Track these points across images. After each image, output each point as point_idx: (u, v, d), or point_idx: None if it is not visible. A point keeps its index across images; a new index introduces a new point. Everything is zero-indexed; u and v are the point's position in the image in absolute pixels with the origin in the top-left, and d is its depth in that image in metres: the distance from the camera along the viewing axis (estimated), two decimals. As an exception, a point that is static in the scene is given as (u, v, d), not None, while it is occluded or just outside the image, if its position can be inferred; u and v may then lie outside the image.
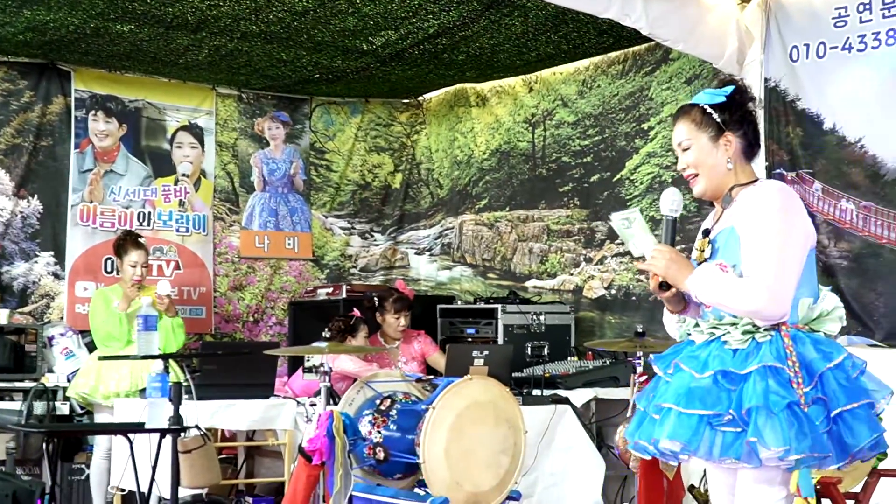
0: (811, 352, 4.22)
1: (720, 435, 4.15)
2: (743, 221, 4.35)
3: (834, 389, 4.16)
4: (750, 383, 4.14)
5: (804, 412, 4.09)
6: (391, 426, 6.96)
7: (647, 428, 4.39)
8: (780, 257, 4.25)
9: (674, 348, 4.55)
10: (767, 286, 4.20)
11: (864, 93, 8.09)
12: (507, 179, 11.63)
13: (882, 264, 7.96)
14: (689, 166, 4.54)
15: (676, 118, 4.62)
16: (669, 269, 4.38)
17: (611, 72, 10.50)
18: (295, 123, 12.06)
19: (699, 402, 4.17)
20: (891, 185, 7.95)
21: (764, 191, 4.38)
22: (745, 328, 4.28)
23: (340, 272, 12.26)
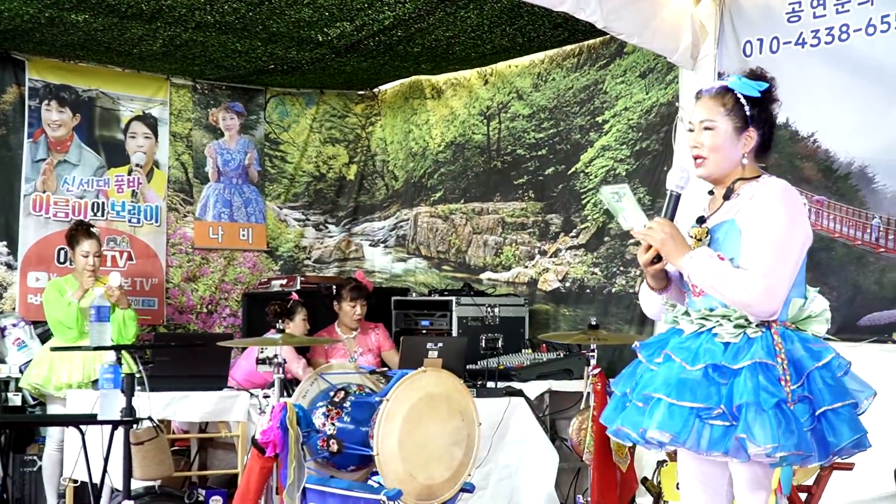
0: (799, 350, 4.25)
1: (709, 428, 4.15)
2: (746, 217, 4.35)
3: (820, 388, 4.19)
4: (741, 379, 4.15)
5: (791, 410, 4.12)
6: (345, 418, 6.96)
7: (632, 416, 4.37)
8: (781, 255, 4.27)
9: (659, 337, 4.55)
10: (765, 281, 4.21)
11: (818, 88, 8.14)
12: (462, 172, 11.65)
13: (834, 259, 8.02)
14: (704, 147, 4.49)
15: (703, 95, 4.58)
16: (667, 244, 4.37)
17: (566, 65, 10.53)
18: (249, 114, 12.03)
19: (689, 394, 4.17)
20: (843, 180, 8.01)
21: (771, 189, 4.38)
22: (738, 322, 4.29)
23: (294, 264, 12.25)
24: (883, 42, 7.75)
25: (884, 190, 7.80)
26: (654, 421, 4.21)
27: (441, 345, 7.78)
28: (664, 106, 9.56)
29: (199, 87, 11.69)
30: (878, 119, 7.82)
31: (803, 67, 8.19)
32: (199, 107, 11.70)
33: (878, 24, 7.76)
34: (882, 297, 7.83)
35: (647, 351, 4.49)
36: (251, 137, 12.04)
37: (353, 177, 12.73)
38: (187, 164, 11.60)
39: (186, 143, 11.62)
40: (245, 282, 11.73)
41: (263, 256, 12.05)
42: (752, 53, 8.51)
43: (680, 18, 8.63)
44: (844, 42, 7.97)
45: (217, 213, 11.74)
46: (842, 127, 8.05)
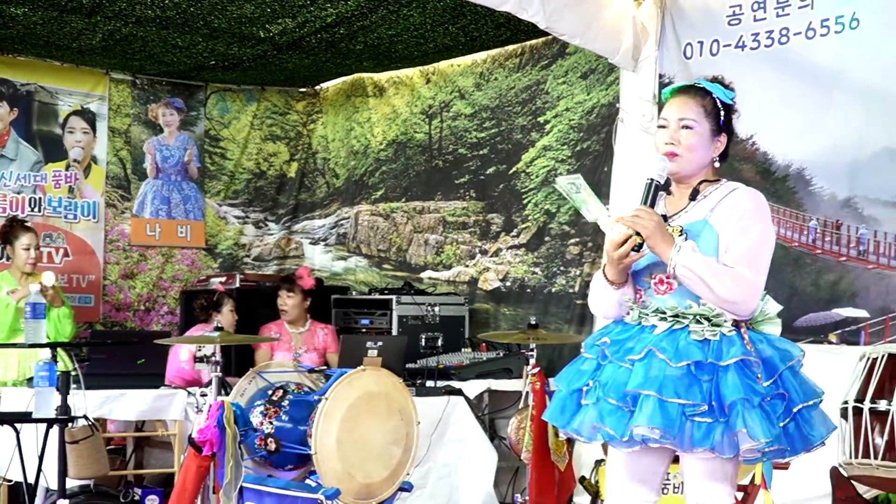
0: (768, 349, 4.31)
1: (693, 424, 4.17)
2: (723, 219, 4.38)
3: (793, 386, 4.28)
4: (729, 376, 4.18)
5: (767, 405, 4.19)
6: (283, 417, 6.94)
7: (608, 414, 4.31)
8: (762, 258, 4.35)
9: (622, 332, 4.50)
10: (752, 280, 4.29)
11: (757, 90, 8.18)
12: (404, 170, 11.65)
13: (772, 260, 8.06)
14: (680, 145, 4.47)
15: (683, 93, 4.58)
16: (656, 233, 4.32)
17: (508, 65, 10.55)
18: (189, 110, 11.98)
19: (675, 390, 4.17)
20: (780, 182, 8.08)
21: (750, 196, 4.44)
22: (716, 321, 4.31)
23: (234, 261, 12.21)
24: (822, 45, 7.82)
25: (821, 192, 7.87)
26: (643, 416, 4.17)
27: (381, 343, 7.76)
28: (605, 107, 9.60)
29: (138, 82, 11.63)
30: (817, 122, 7.88)
31: (743, 70, 8.23)
32: (139, 102, 11.64)
33: (818, 27, 7.82)
34: (818, 298, 7.90)
35: (614, 347, 4.44)
36: (191, 134, 11.99)
37: (294, 174, 12.71)
38: (126, 160, 11.54)
39: (125, 139, 11.56)
40: (183, 279, 11.68)
41: (202, 254, 12.01)
42: (693, 56, 8.57)
43: (622, 20, 8.67)
44: (784, 45, 8.03)
45: (155, 210, 11.69)
46: (780, 130, 8.12)
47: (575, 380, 4.50)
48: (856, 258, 7.65)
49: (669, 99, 4.60)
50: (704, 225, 4.40)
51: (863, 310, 7.65)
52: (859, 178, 7.65)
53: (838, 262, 7.76)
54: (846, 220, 7.69)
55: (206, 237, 12.04)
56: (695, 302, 4.35)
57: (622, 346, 4.41)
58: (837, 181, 7.78)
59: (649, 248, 4.34)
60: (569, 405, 4.49)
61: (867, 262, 7.60)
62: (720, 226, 4.37)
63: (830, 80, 7.79)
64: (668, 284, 4.43)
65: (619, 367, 4.35)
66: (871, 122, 7.57)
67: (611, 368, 4.39)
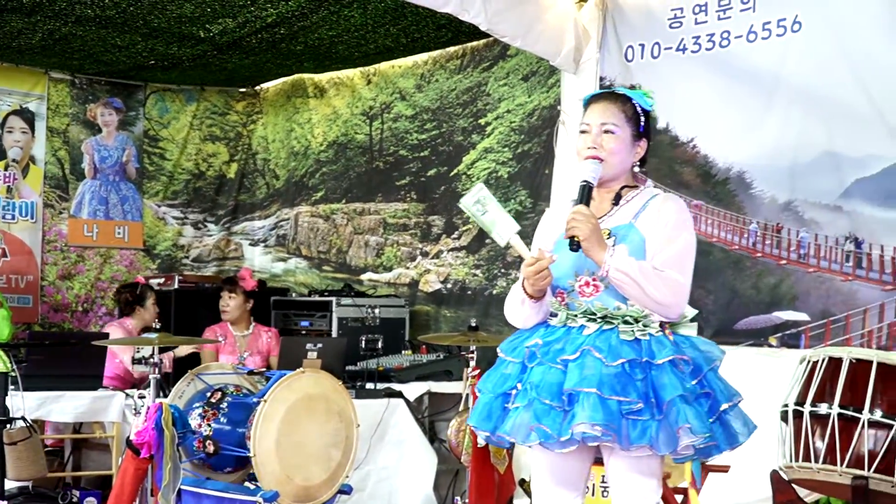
0: (692, 351, 4.38)
1: (630, 423, 4.19)
2: (649, 224, 4.46)
3: (717, 386, 4.35)
4: (664, 374, 4.23)
5: (696, 403, 4.26)
6: (221, 419, 6.91)
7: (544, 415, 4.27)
8: (689, 263, 4.48)
9: (550, 334, 4.48)
10: (683, 283, 4.40)
11: (698, 93, 8.22)
12: (344, 172, 11.61)
13: (712, 262, 8.09)
14: (603, 150, 4.53)
15: (604, 98, 4.67)
16: (593, 235, 4.36)
17: (449, 66, 10.54)
18: (128, 110, 11.90)
19: (612, 388, 4.18)
20: (721, 185, 8.10)
21: (674, 202, 4.55)
22: (645, 322, 4.36)
23: (172, 262, 12.14)
24: (763, 49, 7.84)
25: (761, 195, 7.89)
26: (584, 414, 4.16)
27: (320, 345, 7.74)
28: (546, 109, 9.60)
29: (77, 81, 11.53)
30: (757, 125, 7.91)
31: (684, 73, 8.26)
32: (78, 102, 11.55)
33: (759, 30, 7.85)
34: (758, 301, 7.93)
35: (544, 349, 4.42)
36: (130, 134, 11.91)
37: (234, 175, 12.64)
38: (64, 160, 11.45)
39: (64, 139, 11.46)
40: (121, 280, 11.59)
41: (140, 255, 11.93)
42: (634, 58, 8.58)
43: (563, 22, 8.66)
44: (725, 48, 8.05)
45: (93, 211, 11.60)
46: (721, 132, 8.14)
47: (500, 384, 4.49)
48: (796, 261, 7.69)
49: (590, 104, 4.68)
50: (630, 229, 4.47)
51: (803, 313, 7.68)
52: (800, 182, 7.68)
53: (779, 265, 7.79)
54: (787, 223, 7.72)
55: (144, 238, 11.96)
56: (622, 303, 4.40)
57: (550, 347, 4.41)
58: (778, 184, 7.81)
59: (583, 250, 4.37)
60: (495, 410, 4.48)
61: (808, 266, 7.63)
62: (646, 230, 4.45)
63: (771, 83, 7.81)
64: (594, 287, 4.46)
65: (551, 368, 4.35)
66: (811, 125, 7.59)
67: (541, 370, 4.37)
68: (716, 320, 8.06)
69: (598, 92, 4.75)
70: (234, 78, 11.86)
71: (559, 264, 4.49)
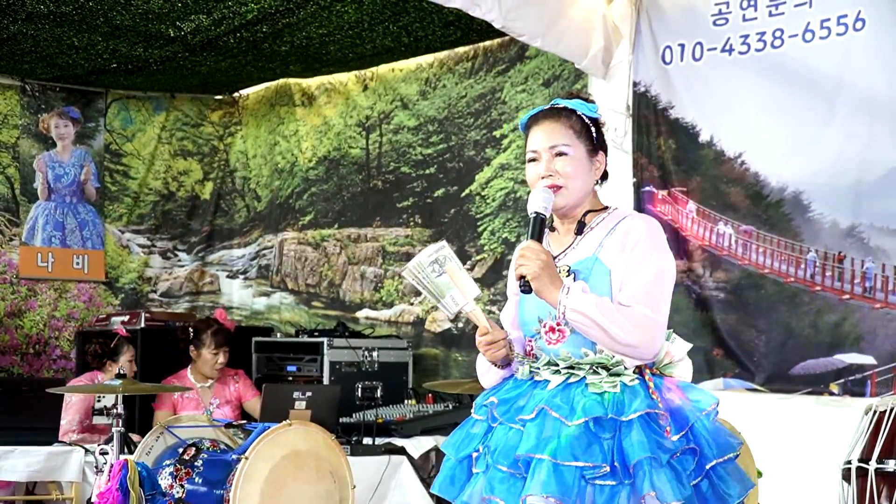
0: (678, 398, 4.36)
1: (594, 489, 4.17)
2: (612, 253, 4.41)
3: (706, 440, 4.29)
4: (633, 432, 4.19)
5: (675, 462, 4.21)
6: (196, 479, 6.94)
7: (500, 483, 4.29)
8: (660, 294, 4.39)
9: (512, 389, 4.50)
10: (653, 319, 4.32)
11: (746, 101, 8.25)
12: (337, 192, 11.66)
13: (763, 297, 8.13)
14: (559, 175, 4.51)
15: (543, 119, 4.61)
16: (543, 274, 4.33)
17: (458, 70, 10.60)
18: (87, 121, 11.96)
19: (572, 452, 4.16)
20: (774, 207, 8.13)
21: (640, 224, 4.47)
22: (615, 370, 4.33)
23: (138, 297, 12.18)
24: (821, 50, 7.88)
25: (820, 220, 7.92)
26: (536, 484, 4.15)
27: (310, 394, 7.78)
28: (571, 119, 9.63)
29: (28, 88, 11.60)
30: (815, 138, 7.94)
31: (730, 78, 8.30)
32: (29, 111, 11.61)
33: (817, 29, 7.89)
34: (818, 342, 7.95)
35: (503, 407, 4.44)
36: (88, 148, 11.97)
37: (209, 196, 12.70)
38: (13, 179, 11.50)
39: (13, 155, 11.52)
40: (79, 318, 11.64)
41: (101, 288, 11.98)
42: (673, 60, 8.62)
43: (590, 19, 8.70)
44: (778, 49, 8.09)
45: (47, 237, 11.64)
46: (773, 147, 8.17)
47: (464, 446, 4.51)
48: (861, 296, 7.71)
49: (530, 128, 4.64)
50: (594, 262, 4.44)
51: (869, 356, 7.69)
52: (865, 204, 7.70)
53: (841, 300, 7.81)
54: (850, 251, 7.74)
55: (105, 269, 12.01)
56: (591, 350, 4.38)
57: (512, 404, 4.42)
58: (840, 207, 7.83)
59: (535, 291, 4.35)
60: (459, 475, 4.51)
61: (874, 301, 7.65)
62: (611, 261, 4.41)
63: (831, 89, 7.85)
64: (559, 332, 4.45)
65: (510, 428, 4.36)
66: (878, 137, 7.62)
67: (501, 431, 4.40)
68: (768, 364, 8.08)
69: (534, 112, 4.68)
70: (209, 83, 11.93)
71: (526, 309, 4.53)
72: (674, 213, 8.56)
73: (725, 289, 8.33)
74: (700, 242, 8.43)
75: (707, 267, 8.41)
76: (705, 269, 8.42)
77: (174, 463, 7.03)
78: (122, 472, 6.49)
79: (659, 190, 8.70)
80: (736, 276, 8.28)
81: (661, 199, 8.65)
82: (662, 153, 8.69)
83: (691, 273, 8.50)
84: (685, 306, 8.49)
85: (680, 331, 8.13)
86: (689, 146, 8.55)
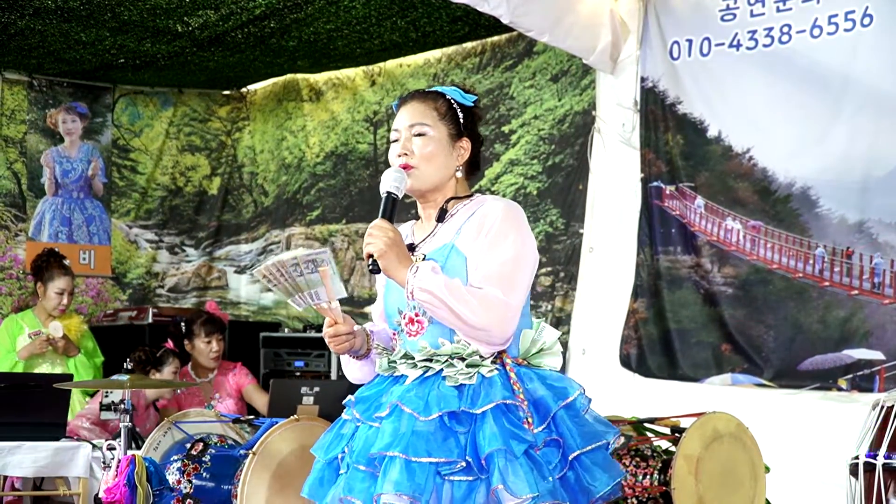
0: (540, 388, 4.27)
1: (450, 485, 4.13)
2: (469, 238, 4.36)
3: (570, 430, 4.22)
4: (487, 424, 4.13)
5: (538, 455, 4.15)
6: (203, 474, 6.95)
7: (357, 483, 4.25)
8: (515, 277, 4.28)
9: (374, 386, 4.46)
10: (504, 301, 4.20)
11: (754, 97, 8.26)
12: (345, 187, 11.66)
13: (771, 293, 8.13)
14: (415, 156, 4.47)
15: (410, 99, 4.58)
16: (390, 252, 4.28)
17: (466, 65, 10.60)
18: (94, 116, 11.98)
19: (426, 448, 4.10)
20: (782, 203, 8.13)
21: (495, 207, 4.39)
22: (471, 360, 4.26)
23: (145, 293, 12.19)
24: (829, 45, 7.88)
25: (829, 215, 7.92)
26: (388, 482, 4.09)
27: (318, 389, 7.77)
28: (579, 115, 9.64)
29: (35, 83, 11.61)
30: (823, 134, 7.94)
31: (738, 73, 8.31)
32: (36, 107, 11.62)
33: (825, 24, 7.89)
34: (826, 337, 7.94)
35: (363, 405, 4.40)
36: (96, 144, 11.98)
37: (216, 191, 12.71)
38: (21, 175, 11.51)
39: (20, 150, 11.53)
40: (87, 313, 11.65)
41: (109, 284, 11.99)
42: (680, 56, 8.63)
43: (598, 14, 8.71)
44: (785, 45, 8.10)
45: (54, 233, 11.66)
46: (781, 142, 8.18)
47: (332, 447, 4.47)
48: (869, 291, 7.72)
49: (399, 108, 4.61)
50: (451, 249, 4.38)
51: (877, 351, 7.69)
52: (873, 199, 7.71)
53: (849, 296, 7.82)
54: (858, 247, 7.75)
55: (113, 264, 12.02)
56: (448, 340, 4.31)
57: (372, 402, 4.39)
58: (848, 202, 7.84)
59: (383, 270, 4.30)
60: (328, 477, 4.46)
61: (882, 297, 7.66)
62: (467, 247, 4.35)
63: (839, 85, 7.86)
64: (419, 323, 4.40)
65: (370, 427, 4.32)
66: (885, 133, 7.63)
67: (362, 430, 4.36)
68: (776, 360, 8.09)
69: (406, 94, 4.66)
70: (217, 79, 11.94)
71: (388, 301, 4.51)
72: (682, 209, 8.57)
73: (734, 284, 8.34)
74: (708, 238, 8.43)
75: (715, 262, 8.41)
76: (713, 265, 8.43)
77: (182, 458, 7.03)
78: (129, 467, 6.50)
79: (667, 185, 8.70)
80: (744, 271, 8.28)
81: (669, 195, 8.66)
82: (670, 149, 8.69)
83: (699, 268, 8.50)
84: (693, 301, 8.50)
85: (688, 326, 8.19)
86: (696, 142, 8.55)
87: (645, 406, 7.35)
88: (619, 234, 8.95)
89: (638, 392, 8.49)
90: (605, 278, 8.90)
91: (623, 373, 8.77)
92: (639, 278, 8.82)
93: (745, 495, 6.45)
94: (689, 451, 6.27)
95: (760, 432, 6.53)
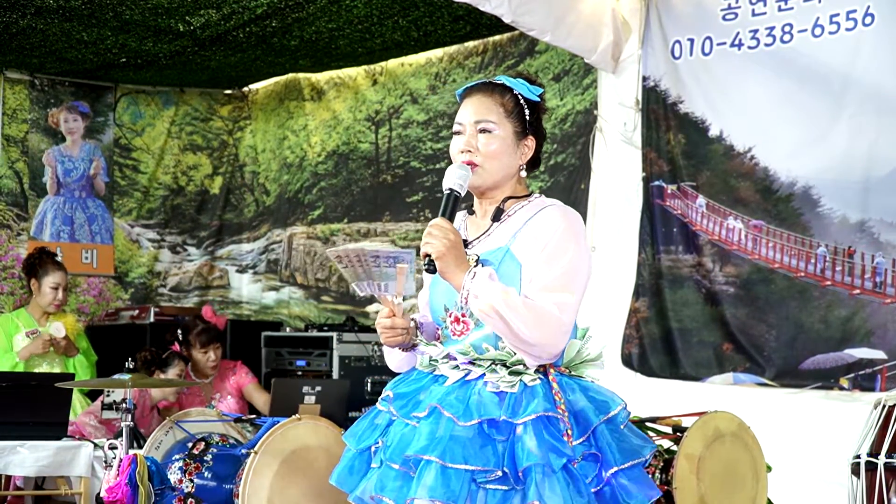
0: (581, 400, 4.20)
1: (485, 493, 4.06)
2: (525, 245, 4.26)
3: (609, 444, 4.15)
4: (526, 436, 4.06)
5: (576, 469, 4.08)
6: (205, 473, 6.94)
7: (390, 482, 4.19)
8: (571, 294, 4.18)
9: (412, 382, 4.41)
10: (559, 319, 4.12)
11: (756, 96, 8.25)
12: (346, 186, 11.66)
13: (773, 292, 8.13)
14: (479, 153, 4.36)
15: (476, 91, 4.47)
16: (449, 254, 4.20)
17: (468, 64, 10.60)
18: (96, 115, 11.97)
19: (463, 455, 4.04)
20: (784, 202, 8.13)
21: (555, 214, 4.29)
22: (515, 368, 4.19)
23: (147, 292, 12.19)
24: (830, 45, 7.87)
25: (830, 215, 7.92)
26: (423, 488, 4.03)
27: (319, 388, 7.77)
28: (581, 114, 9.64)
29: (37, 82, 11.61)
30: (824, 133, 7.93)
31: (740, 72, 8.31)
32: (38, 106, 11.62)
33: (826, 24, 7.89)
34: (828, 336, 7.94)
35: (401, 402, 4.34)
36: (98, 143, 11.98)
37: (218, 190, 12.71)
38: (22, 174, 11.51)
39: (22, 149, 11.53)
40: (89, 313, 11.66)
41: (111, 283, 11.98)
42: (682, 55, 8.63)
43: (599, 14, 8.71)
44: (787, 44, 8.09)
45: (56, 232, 11.66)
46: (783, 142, 8.17)
47: (365, 436, 4.42)
48: (871, 291, 7.71)
49: (464, 100, 4.51)
50: (505, 253, 4.29)
51: (879, 350, 7.68)
52: (875, 199, 7.70)
53: (851, 295, 7.81)
54: (860, 246, 7.74)
55: (115, 263, 12.02)
56: (492, 346, 4.24)
57: (411, 399, 4.33)
58: (849, 202, 7.83)
59: (439, 271, 4.24)
60: (358, 466, 4.41)
61: (884, 296, 7.65)
62: (523, 254, 4.26)
63: (840, 84, 7.85)
64: (464, 324, 4.35)
65: (406, 425, 4.26)
66: (887, 132, 7.62)
67: (398, 426, 4.30)
68: (778, 359, 8.08)
69: (471, 84, 4.53)
70: (219, 78, 11.93)
71: (435, 295, 4.46)
72: (683, 208, 8.57)
73: (735, 283, 8.33)
74: (710, 237, 8.43)
75: (717, 262, 8.41)
76: (715, 264, 8.42)
77: (183, 457, 7.03)
78: (131, 466, 6.49)
79: (668, 185, 8.70)
80: (746, 270, 8.28)
81: (671, 194, 8.66)
82: (672, 148, 8.69)
83: (701, 268, 8.50)
84: (695, 301, 8.50)
85: (690, 325, 8.19)
86: (698, 141, 8.55)
87: (646, 405, 7.34)
88: (621, 233, 8.94)
89: (639, 391, 8.47)
90: (607, 277, 8.89)
91: (625, 372, 8.76)
92: (640, 277, 8.82)
93: (746, 495, 6.46)
94: (690, 451, 6.27)
95: (762, 432, 6.53)
